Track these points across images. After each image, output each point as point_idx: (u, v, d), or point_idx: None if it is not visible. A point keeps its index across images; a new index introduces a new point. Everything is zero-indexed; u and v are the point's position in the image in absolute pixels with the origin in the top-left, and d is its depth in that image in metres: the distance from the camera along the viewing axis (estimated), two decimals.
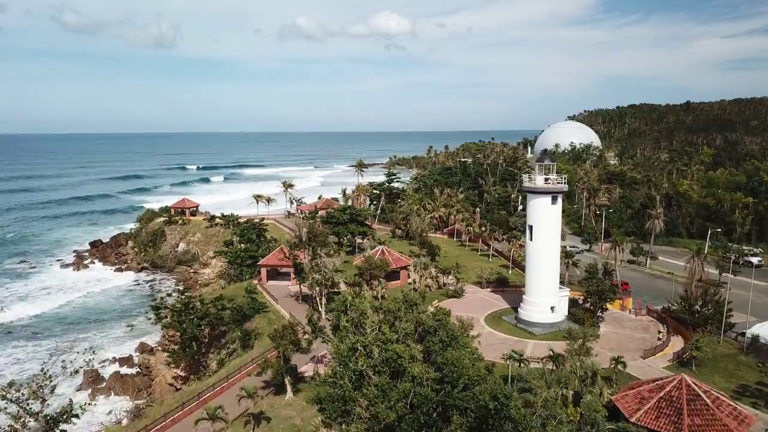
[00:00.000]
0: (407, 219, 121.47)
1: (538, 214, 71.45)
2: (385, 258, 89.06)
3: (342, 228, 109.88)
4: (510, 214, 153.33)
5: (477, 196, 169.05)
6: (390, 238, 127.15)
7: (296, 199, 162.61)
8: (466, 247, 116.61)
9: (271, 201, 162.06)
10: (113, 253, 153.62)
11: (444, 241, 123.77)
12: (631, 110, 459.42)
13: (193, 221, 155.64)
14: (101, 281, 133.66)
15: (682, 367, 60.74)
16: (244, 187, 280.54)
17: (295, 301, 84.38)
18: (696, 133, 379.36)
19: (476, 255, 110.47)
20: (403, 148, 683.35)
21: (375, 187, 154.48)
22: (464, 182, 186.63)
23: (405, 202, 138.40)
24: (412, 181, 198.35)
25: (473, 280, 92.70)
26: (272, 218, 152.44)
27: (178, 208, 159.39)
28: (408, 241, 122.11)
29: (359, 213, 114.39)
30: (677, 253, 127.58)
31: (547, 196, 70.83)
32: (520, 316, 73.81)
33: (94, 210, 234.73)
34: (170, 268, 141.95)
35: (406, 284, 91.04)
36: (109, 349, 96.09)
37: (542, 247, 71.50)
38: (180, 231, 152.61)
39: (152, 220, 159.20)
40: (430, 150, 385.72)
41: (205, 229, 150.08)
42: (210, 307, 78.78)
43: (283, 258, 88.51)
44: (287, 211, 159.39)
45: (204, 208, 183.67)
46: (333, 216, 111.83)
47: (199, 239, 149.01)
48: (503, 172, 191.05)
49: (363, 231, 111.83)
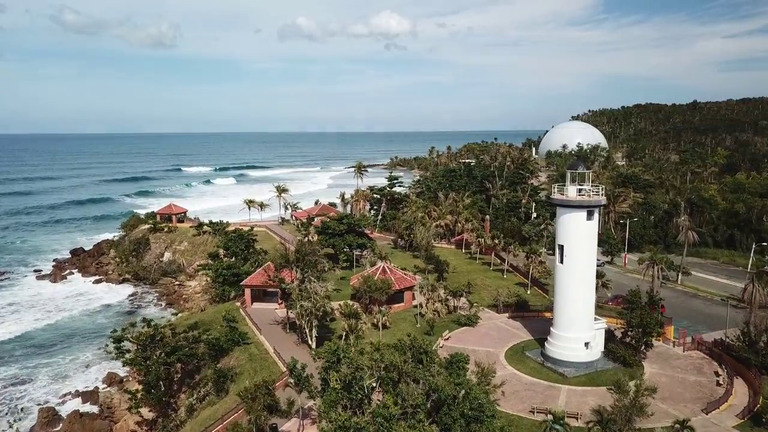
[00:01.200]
0: (411, 228, 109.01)
1: (571, 231, 58.95)
2: (386, 278, 76.60)
3: (338, 240, 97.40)
4: (520, 221, 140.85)
5: (484, 201, 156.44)
6: (391, 249, 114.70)
7: (291, 204, 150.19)
8: (476, 261, 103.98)
9: (264, 206, 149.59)
10: (94, 263, 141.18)
11: (451, 253, 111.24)
12: (637, 110, 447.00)
13: (180, 228, 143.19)
14: (77, 296, 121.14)
15: (757, 427, 48.34)
16: (253, 190, 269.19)
17: (282, 330, 71.89)
18: (704, 134, 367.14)
19: (488, 270, 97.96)
20: (404, 148, 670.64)
21: (376, 191, 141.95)
22: (470, 186, 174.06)
23: (408, 209, 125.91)
24: (415, 184, 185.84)
25: (488, 303, 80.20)
26: (265, 225, 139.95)
27: (164, 214, 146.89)
28: (411, 253, 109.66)
29: (358, 222, 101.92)
30: (706, 266, 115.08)
31: (581, 210, 58.34)
32: (548, 353, 61.29)
33: (86, 216, 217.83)
34: (154, 280, 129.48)
35: (411, 307, 78.62)
36: (74, 379, 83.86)
37: (575, 271, 59.00)
38: (166, 239, 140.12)
39: (137, 227, 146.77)
40: (432, 151, 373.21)
41: (193, 238, 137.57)
42: (182, 338, 66.43)
43: (268, 279, 75.99)
44: (281, 218, 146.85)
45: (195, 214, 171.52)
46: (328, 226, 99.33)
47: (186, 248, 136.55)
48: (512, 175, 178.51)
49: (362, 243, 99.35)
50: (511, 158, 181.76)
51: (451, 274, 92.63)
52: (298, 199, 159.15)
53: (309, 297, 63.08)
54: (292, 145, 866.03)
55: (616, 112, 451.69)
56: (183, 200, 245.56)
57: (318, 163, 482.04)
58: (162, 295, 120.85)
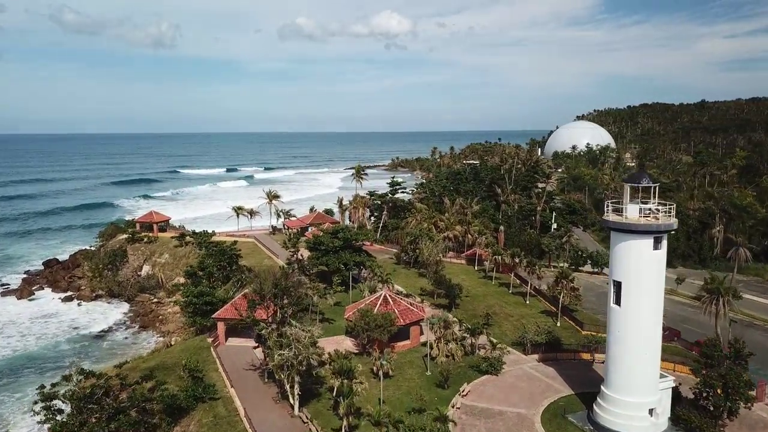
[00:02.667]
0: (416, 242, 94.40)
1: (632, 264, 44.31)
2: (389, 311, 62.02)
3: (332, 258, 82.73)
4: (535, 229, 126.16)
5: (494, 207, 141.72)
6: (394, 265, 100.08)
7: (283, 211, 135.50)
8: (492, 281, 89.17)
9: (254, 214, 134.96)
10: (66, 277, 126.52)
11: (462, 270, 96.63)
12: (643, 110, 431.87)
13: (161, 239, 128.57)
14: (42, 317, 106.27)
15: None
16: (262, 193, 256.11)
17: (259, 379, 57.23)
18: (714, 134, 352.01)
19: (507, 294, 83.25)
20: (405, 149, 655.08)
21: (376, 197, 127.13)
22: (478, 190, 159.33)
23: (412, 218, 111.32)
24: (418, 188, 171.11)
25: (512, 339, 65.58)
26: (253, 236, 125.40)
27: (144, 222, 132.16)
28: (417, 270, 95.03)
29: (355, 236, 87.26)
30: (751, 284, 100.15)
31: (646, 237, 43.72)
32: (599, 420, 46.62)
33: (72, 223, 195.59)
34: (130, 297, 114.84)
35: (419, 345, 64.05)
36: (15, 427, 69.36)
37: (637, 317, 44.39)
38: (145, 251, 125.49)
39: (114, 237, 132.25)
40: (435, 151, 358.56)
41: (174, 249, 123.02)
42: (132, 393, 51.79)
43: (240, 316, 61.23)
44: (272, 227, 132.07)
45: (183, 222, 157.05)
46: (321, 242, 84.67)
47: (167, 261, 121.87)
48: (522, 178, 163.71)
49: (360, 261, 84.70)
50: (522, 160, 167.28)
51: (464, 299, 78.07)
52: (309, 203, 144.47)
53: (289, 344, 48.49)
54: (293, 146, 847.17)
55: (622, 112, 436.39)
56: (183, 205, 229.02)
57: (324, 164, 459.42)
58: (137, 315, 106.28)
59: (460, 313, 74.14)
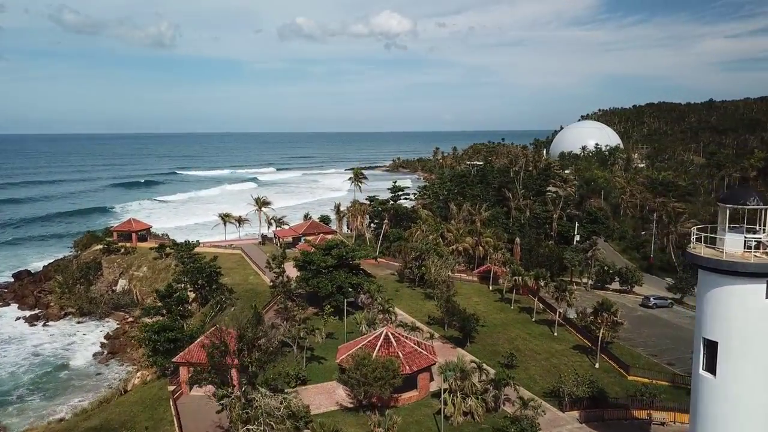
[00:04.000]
0: (421, 258, 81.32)
1: (734, 318, 31.17)
2: (391, 355, 49.02)
3: (324, 280, 69.59)
4: (550, 238, 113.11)
5: (504, 213, 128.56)
6: (396, 283, 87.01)
7: (275, 219, 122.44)
8: (511, 305, 75.90)
9: (243, 222, 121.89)
10: (35, 291, 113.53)
11: (474, 290, 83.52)
12: (650, 109, 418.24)
13: (140, 249, 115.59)
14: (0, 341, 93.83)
15: None
16: (275, 196, 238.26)
17: None
18: (724, 134, 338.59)
19: (530, 323, 70.13)
20: (406, 149, 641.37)
21: (376, 204, 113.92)
22: (486, 194, 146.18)
23: (416, 228, 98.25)
24: (421, 191, 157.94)
25: (542, 388, 52.47)
26: (242, 246, 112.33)
27: (122, 231, 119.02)
28: (423, 290, 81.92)
29: (352, 254, 74.17)
30: None
31: (758, 281, 30.59)
32: None
33: (57, 231, 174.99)
34: (102, 315, 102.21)
35: (428, 396, 51.06)
36: None
37: (741, 391, 31.32)
38: (121, 263, 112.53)
39: (90, 247, 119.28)
40: (437, 152, 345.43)
41: (153, 261, 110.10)
42: None
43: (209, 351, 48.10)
44: (262, 236, 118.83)
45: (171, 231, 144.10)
46: (311, 260, 71.52)
47: (145, 275, 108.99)
48: (534, 182, 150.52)
49: (356, 282, 71.58)
50: (533, 162, 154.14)
51: (480, 329, 64.96)
52: (320, 207, 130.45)
53: (258, 418, 35.44)
54: (293, 146, 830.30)
55: (628, 112, 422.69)
56: (188, 209, 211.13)
57: (329, 165, 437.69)
58: (107, 338, 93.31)
59: (476, 349, 61.10)
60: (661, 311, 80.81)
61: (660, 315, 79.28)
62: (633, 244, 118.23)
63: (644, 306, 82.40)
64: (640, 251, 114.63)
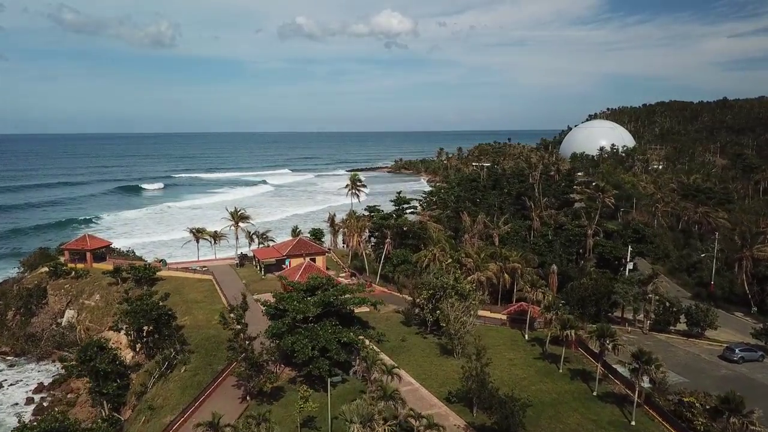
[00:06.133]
0: (436, 300, 60.65)
1: None
2: None
3: (302, 338, 48.86)
4: (585, 260, 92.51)
5: (527, 228, 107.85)
6: (402, 326, 66.42)
7: (258, 235, 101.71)
8: (560, 368, 54.92)
9: (219, 238, 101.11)
10: None
11: (504, 338, 62.84)
12: (660, 108, 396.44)
13: (96, 271, 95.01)
14: None
15: None
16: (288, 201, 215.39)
17: None
18: (741, 133, 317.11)
19: (590, 398, 49.25)
20: (408, 149, 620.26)
21: (377, 220, 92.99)
22: (503, 204, 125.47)
23: (427, 254, 77.44)
24: (427, 197, 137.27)
25: None
26: (210, 274, 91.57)
27: (75, 249, 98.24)
28: (438, 339, 61.38)
29: (343, 300, 53.38)
30: None
31: None
32: None
33: (30, 245, 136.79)
34: (44, 355, 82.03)
35: None
36: None
37: None
38: (70, 289, 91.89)
39: (37, 269, 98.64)
40: (441, 153, 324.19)
41: (108, 287, 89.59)
42: None
43: None
44: (240, 255, 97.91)
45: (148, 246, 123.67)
46: (284, 307, 50.83)
47: (97, 304, 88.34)
48: (557, 189, 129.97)
49: (349, 339, 50.75)
50: (554, 166, 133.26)
51: (526, 415, 44.17)
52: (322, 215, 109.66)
53: None
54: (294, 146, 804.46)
55: (638, 111, 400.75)
56: (192, 220, 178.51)
57: (335, 166, 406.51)
58: (41, 388, 72.90)
59: None
60: (753, 368, 60.12)
61: (752, 375, 58.59)
62: (682, 265, 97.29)
63: (726, 359, 61.71)
64: (692, 275, 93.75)
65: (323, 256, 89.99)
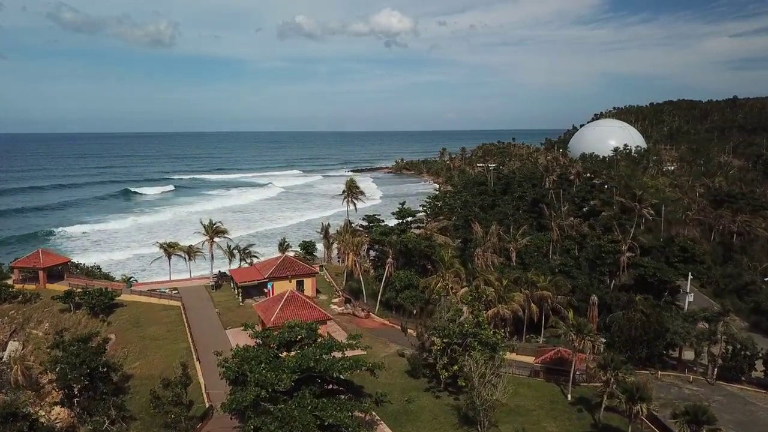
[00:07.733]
0: (452, 351, 46.00)
1: None
2: None
3: (269, 424, 34.08)
4: (618, 281, 77.91)
5: (547, 241, 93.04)
6: (407, 378, 51.79)
7: (240, 250, 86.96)
8: (593, 421, 40.34)
9: (194, 254, 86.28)
10: None
11: (542, 400, 48.21)
12: (669, 107, 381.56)
13: (47, 294, 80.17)
14: None
15: None
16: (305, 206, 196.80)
17: None
18: (754, 133, 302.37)
19: None
20: (409, 149, 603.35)
21: (377, 236, 78.10)
22: (517, 212, 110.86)
23: (437, 279, 62.77)
24: (431, 204, 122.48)
25: None
26: (188, 289, 77.02)
27: (26, 267, 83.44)
28: (455, 398, 46.82)
29: (329, 364, 38.61)
30: None
31: None
32: None
33: None
34: None
35: None
36: None
37: None
38: (15, 316, 77.23)
39: None
40: (444, 153, 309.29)
41: (60, 314, 75.02)
42: None
43: None
44: (217, 275, 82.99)
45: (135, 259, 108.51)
46: (250, 370, 36.15)
47: (45, 334, 73.68)
48: (577, 195, 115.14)
49: (336, 421, 35.93)
50: (573, 169, 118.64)
51: None
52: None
53: None
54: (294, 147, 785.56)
55: (645, 110, 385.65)
56: (165, 231, 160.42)
57: (340, 167, 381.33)
58: None
59: None
60: None
61: None
62: (730, 286, 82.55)
63: None
64: (743, 298, 79.05)
65: (312, 278, 75.24)
